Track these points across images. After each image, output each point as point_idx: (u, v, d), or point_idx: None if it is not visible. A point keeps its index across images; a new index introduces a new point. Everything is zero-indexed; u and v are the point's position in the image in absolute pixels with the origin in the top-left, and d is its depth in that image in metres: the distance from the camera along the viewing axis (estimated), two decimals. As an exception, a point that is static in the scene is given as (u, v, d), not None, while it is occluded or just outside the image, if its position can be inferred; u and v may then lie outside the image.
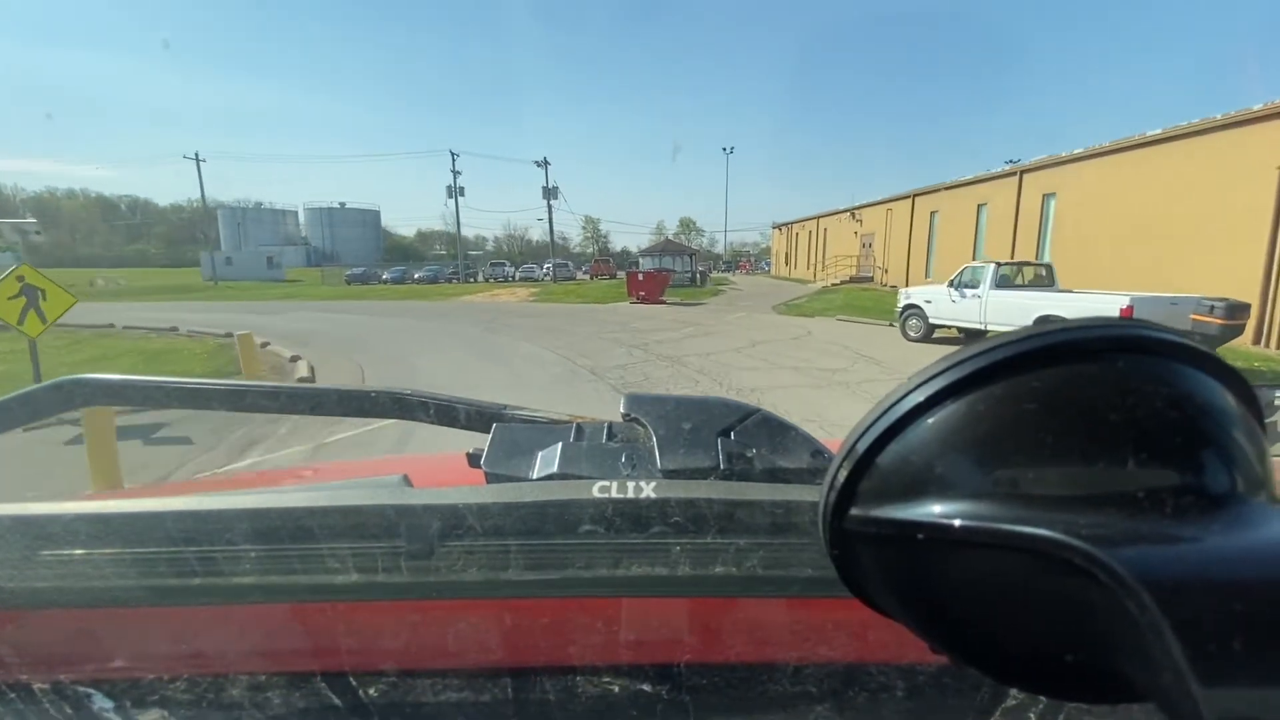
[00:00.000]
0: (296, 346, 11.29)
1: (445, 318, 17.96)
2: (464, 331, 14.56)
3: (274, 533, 0.37)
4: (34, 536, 0.37)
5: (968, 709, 0.51)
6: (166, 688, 0.50)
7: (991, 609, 0.25)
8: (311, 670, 0.51)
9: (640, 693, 0.50)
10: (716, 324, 15.18)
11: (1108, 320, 0.24)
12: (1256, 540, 0.21)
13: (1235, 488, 0.22)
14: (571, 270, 50.01)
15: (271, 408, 0.64)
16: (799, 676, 0.52)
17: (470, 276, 46.67)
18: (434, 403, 0.63)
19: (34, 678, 0.50)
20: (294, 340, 12.55)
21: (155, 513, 0.37)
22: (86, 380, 0.62)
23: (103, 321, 15.45)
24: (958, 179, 21.79)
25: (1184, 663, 0.19)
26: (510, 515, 0.37)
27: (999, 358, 0.24)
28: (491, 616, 0.53)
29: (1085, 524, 0.21)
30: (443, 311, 20.25)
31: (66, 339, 11.94)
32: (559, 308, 21.21)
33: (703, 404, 0.49)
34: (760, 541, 0.37)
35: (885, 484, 0.26)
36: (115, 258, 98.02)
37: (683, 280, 31.35)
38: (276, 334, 13.41)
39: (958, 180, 21.79)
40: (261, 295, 31.58)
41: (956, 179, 21.85)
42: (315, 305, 24.35)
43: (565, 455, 0.48)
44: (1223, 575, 0.20)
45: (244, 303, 26.02)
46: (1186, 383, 0.23)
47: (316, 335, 13.74)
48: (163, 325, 15.31)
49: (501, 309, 21.23)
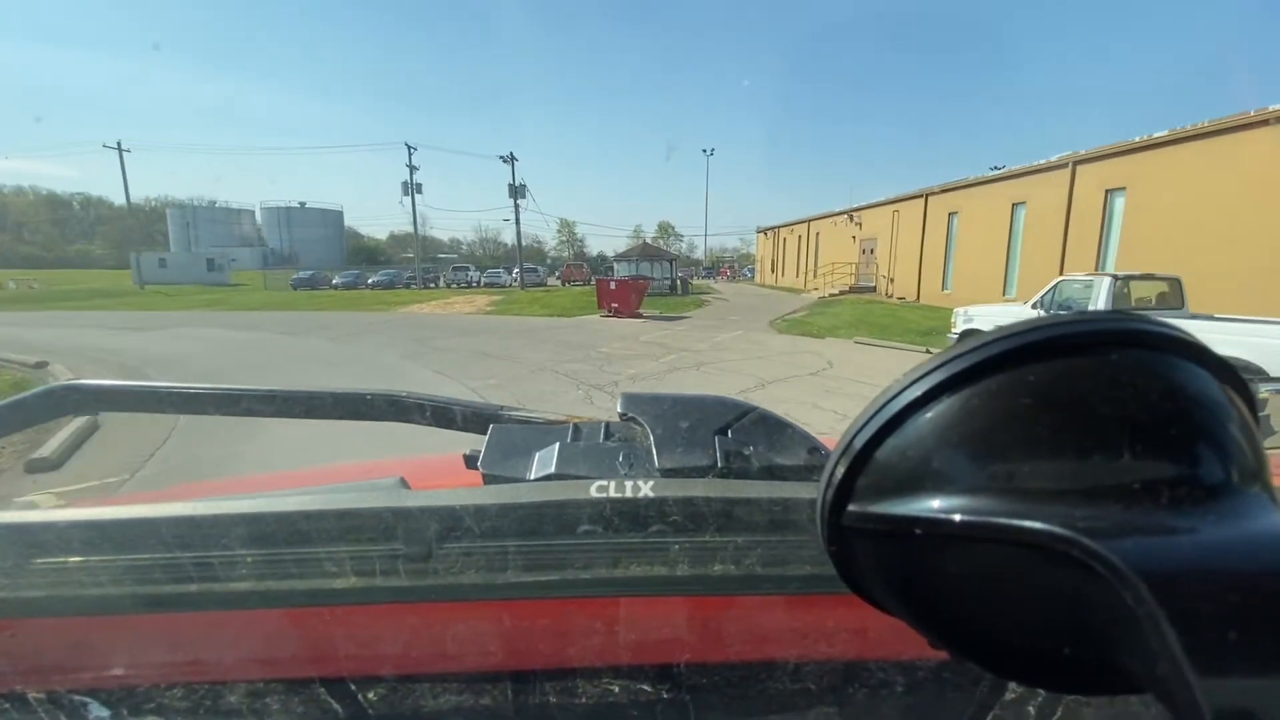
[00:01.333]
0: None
1: (371, 335, 14.36)
2: (378, 359, 11.02)
3: (270, 537, 0.37)
4: (27, 544, 0.37)
5: (967, 703, 0.51)
6: (163, 695, 0.49)
7: (989, 603, 0.25)
8: (310, 676, 0.51)
9: (640, 693, 0.50)
10: (707, 349, 11.82)
11: (1102, 314, 0.24)
12: (1251, 531, 0.21)
13: (1230, 479, 0.23)
14: (542, 276, 46.44)
15: (266, 411, 0.64)
16: (799, 674, 0.51)
17: (431, 282, 42.79)
18: (430, 405, 0.64)
19: (29, 687, 0.49)
20: (134, 375, 8.97)
21: (150, 519, 0.37)
22: (79, 386, 0.63)
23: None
24: (984, 174, 18.86)
25: (1181, 653, 0.19)
26: (508, 516, 0.37)
27: (995, 352, 0.24)
28: (490, 618, 0.53)
29: (1082, 517, 0.21)
30: (374, 326, 16.64)
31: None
32: (515, 322, 17.70)
33: (700, 402, 0.49)
34: (758, 539, 0.38)
35: (882, 480, 0.26)
36: (56, 258, 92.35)
37: (662, 288, 28.17)
38: (121, 363, 9.94)
39: (986, 175, 18.90)
40: (179, 304, 27.50)
41: (982, 175, 18.92)
42: (228, 318, 20.46)
43: (562, 455, 0.47)
44: (1218, 566, 0.20)
45: (145, 313, 21.99)
46: (1181, 376, 0.23)
47: (175, 366, 10.08)
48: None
49: (447, 323, 17.67)
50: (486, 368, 9.56)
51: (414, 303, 26.58)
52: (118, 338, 13.92)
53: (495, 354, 11.01)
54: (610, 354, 10.90)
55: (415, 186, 39.12)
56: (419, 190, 39.41)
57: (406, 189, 38.97)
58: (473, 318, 19.65)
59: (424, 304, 26.10)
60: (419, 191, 39.50)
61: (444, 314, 21.15)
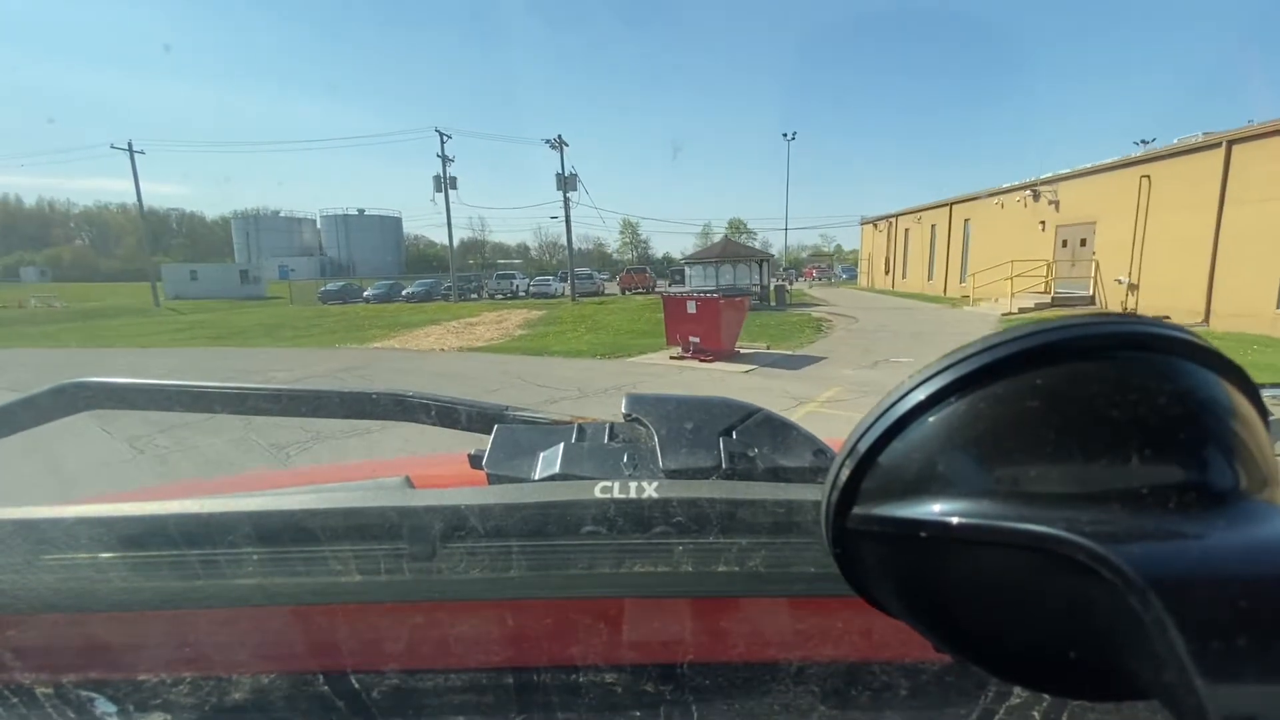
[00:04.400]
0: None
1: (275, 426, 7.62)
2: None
3: (276, 535, 0.37)
4: (36, 540, 0.37)
5: (971, 708, 0.51)
6: (169, 691, 0.50)
7: (995, 607, 0.25)
8: (315, 672, 0.51)
9: (643, 693, 0.50)
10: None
11: (1110, 316, 0.24)
12: (1261, 537, 0.21)
13: (1239, 484, 0.22)
14: (599, 283, 39.64)
15: (273, 410, 0.64)
16: (802, 676, 0.52)
17: (472, 292, 36.94)
18: (435, 404, 0.64)
19: (37, 681, 0.50)
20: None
21: (158, 516, 0.37)
22: (88, 383, 0.63)
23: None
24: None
25: (1188, 659, 0.18)
26: (512, 516, 0.38)
27: (1001, 355, 0.24)
28: (494, 617, 0.53)
29: (1089, 521, 0.21)
30: (327, 374, 10.03)
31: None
32: (530, 370, 10.65)
33: (704, 404, 0.50)
34: (763, 541, 0.38)
35: (888, 482, 0.25)
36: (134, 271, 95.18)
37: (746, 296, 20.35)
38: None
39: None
40: (161, 327, 22.47)
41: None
42: (178, 353, 14.65)
43: (567, 456, 0.48)
44: (1227, 572, 0.20)
45: (92, 350, 16.60)
46: (1190, 379, 0.23)
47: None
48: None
49: (417, 373, 10.95)
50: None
51: (427, 324, 20.24)
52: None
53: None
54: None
55: (449, 181, 33.11)
56: (453, 186, 33.38)
57: (439, 184, 33.02)
58: (471, 360, 12.77)
59: (439, 325, 19.73)
60: (453, 187, 33.50)
61: (435, 351, 14.39)
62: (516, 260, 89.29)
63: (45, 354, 14.88)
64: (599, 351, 12.65)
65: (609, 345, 13.68)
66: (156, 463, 5.61)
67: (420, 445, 4.82)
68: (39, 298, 38.38)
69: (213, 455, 5.80)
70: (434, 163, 32.78)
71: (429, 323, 20.61)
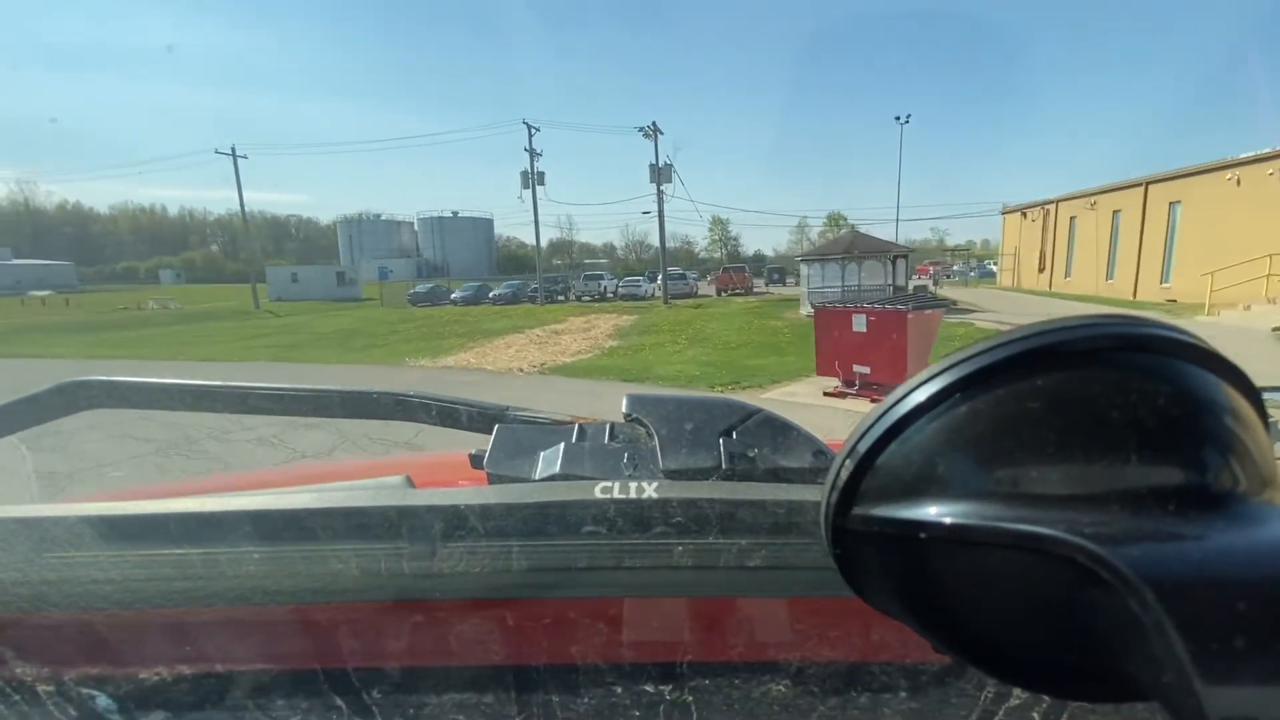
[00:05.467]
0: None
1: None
2: None
3: (277, 534, 0.37)
4: (38, 538, 0.38)
5: (971, 709, 0.51)
6: (170, 689, 0.50)
7: (994, 608, 0.25)
8: (315, 671, 0.51)
9: (643, 693, 0.50)
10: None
11: (1111, 317, 0.24)
12: (1260, 539, 0.21)
13: (1239, 486, 0.22)
14: (691, 283, 36.55)
15: (275, 410, 0.65)
16: (801, 676, 0.52)
17: (559, 294, 35.10)
18: (436, 404, 0.65)
19: (38, 679, 0.50)
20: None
21: (159, 514, 0.38)
22: (90, 382, 0.63)
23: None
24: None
25: (1187, 661, 0.18)
26: (512, 516, 0.38)
27: (1001, 356, 0.24)
28: (494, 617, 0.53)
29: (1088, 522, 0.21)
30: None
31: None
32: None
33: (704, 404, 0.50)
34: (762, 541, 0.38)
35: (888, 483, 0.25)
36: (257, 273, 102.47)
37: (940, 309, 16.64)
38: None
39: None
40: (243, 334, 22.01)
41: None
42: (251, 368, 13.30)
43: (567, 456, 0.48)
44: (1227, 574, 0.20)
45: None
46: (1190, 380, 0.23)
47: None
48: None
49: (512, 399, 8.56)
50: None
51: (509, 331, 18.16)
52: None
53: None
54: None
55: (538, 176, 31.24)
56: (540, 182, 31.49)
57: (526, 179, 31.24)
58: (555, 386, 10.20)
59: (521, 333, 17.57)
60: (541, 183, 31.62)
61: (513, 371, 12.01)
62: (603, 260, 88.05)
63: (115, 364, 13.95)
64: (715, 378, 9.68)
65: (724, 366, 10.68)
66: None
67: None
68: (157, 300, 40.57)
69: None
70: (524, 161, 31.06)
71: (511, 330, 18.52)
